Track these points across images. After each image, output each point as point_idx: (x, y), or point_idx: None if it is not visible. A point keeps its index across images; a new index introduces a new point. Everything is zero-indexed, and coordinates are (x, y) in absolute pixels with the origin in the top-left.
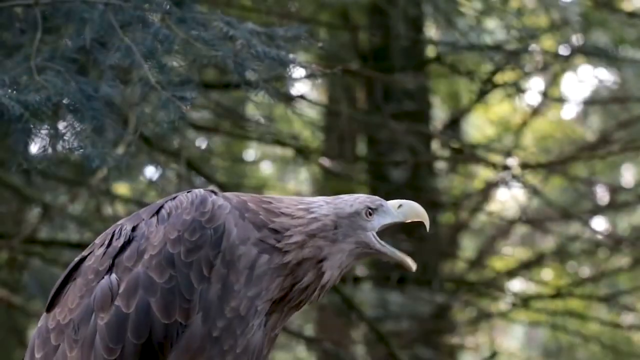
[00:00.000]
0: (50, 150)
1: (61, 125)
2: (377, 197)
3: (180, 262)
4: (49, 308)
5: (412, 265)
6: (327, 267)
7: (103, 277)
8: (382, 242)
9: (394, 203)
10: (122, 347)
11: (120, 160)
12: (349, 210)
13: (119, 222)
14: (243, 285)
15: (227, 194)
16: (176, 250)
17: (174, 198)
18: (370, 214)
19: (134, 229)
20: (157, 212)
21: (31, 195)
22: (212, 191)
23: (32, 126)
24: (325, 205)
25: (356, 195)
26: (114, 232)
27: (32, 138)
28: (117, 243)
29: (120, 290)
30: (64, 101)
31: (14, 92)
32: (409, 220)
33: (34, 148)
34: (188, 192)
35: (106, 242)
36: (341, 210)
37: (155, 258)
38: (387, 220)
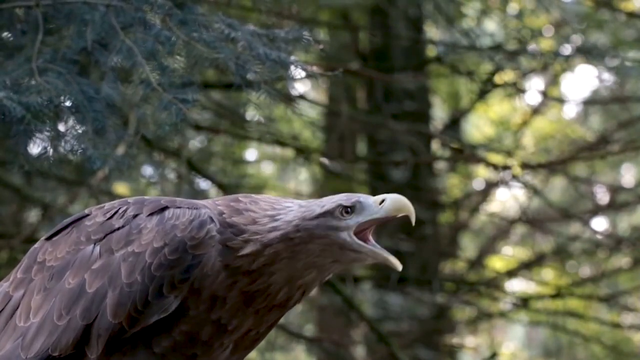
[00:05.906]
0: (51, 151)
1: (62, 127)
2: (357, 195)
3: (148, 273)
4: (49, 238)
5: (397, 264)
6: (294, 272)
7: (90, 246)
8: (360, 242)
9: (377, 198)
10: (69, 319)
11: (121, 161)
12: (319, 211)
13: (130, 200)
14: (202, 312)
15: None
16: (151, 259)
17: (179, 207)
18: (348, 212)
19: (135, 216)
20: (162, 210)
21: (31, 195)
22: (210, 216)
23: (33, 128)
24: (294, 211)
25: (337, 195)
26: (119, 210)
27: (34, 140)
28: (116, 223)
29: (94, 267)
30: (66, 103)
31: (16, 93)
32: (393, 215)
33: (35, 149)
34: (194, 208)
35: (108, 215)
36: (309, 213)
37: (133, 256)
38: (366, 217)
